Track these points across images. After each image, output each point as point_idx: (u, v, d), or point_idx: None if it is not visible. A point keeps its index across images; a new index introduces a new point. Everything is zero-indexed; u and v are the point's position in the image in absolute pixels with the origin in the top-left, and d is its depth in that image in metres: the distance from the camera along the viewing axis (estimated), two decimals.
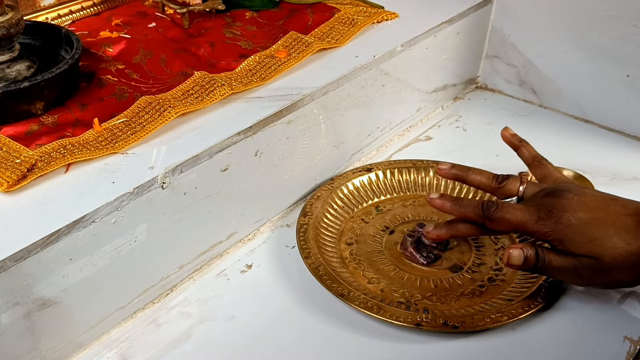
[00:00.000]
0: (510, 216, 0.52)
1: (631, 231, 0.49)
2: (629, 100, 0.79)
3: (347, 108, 0.69)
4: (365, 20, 0.76)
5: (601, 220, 0.50)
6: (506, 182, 0.56)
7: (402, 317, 0.53)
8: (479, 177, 0.58)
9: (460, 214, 0.55)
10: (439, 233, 0.57)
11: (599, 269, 0.50)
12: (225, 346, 0.53)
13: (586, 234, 0.50)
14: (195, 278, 0.60)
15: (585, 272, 0.50)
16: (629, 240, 0.49)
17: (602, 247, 0.49)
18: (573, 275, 0.51)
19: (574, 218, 0.50)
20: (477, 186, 0.58)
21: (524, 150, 0.62)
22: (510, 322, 0.52)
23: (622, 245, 0.49)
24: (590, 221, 0.50)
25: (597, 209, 0.51)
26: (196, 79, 0.62)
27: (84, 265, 0.49)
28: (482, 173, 0.58)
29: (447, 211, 0.56)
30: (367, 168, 0.71)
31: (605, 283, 0.52)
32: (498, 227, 0.53)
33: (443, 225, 0.57)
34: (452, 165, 0.59)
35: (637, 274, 0.50)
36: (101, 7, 0.76)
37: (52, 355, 0.50)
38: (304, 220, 0.63)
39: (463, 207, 0.55)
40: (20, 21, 0.56)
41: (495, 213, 0.52)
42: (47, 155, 0.51)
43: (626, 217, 0.50)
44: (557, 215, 0.51)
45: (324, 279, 0.57)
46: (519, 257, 0.52)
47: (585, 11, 0.78)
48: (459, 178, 0.59)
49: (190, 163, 0.54)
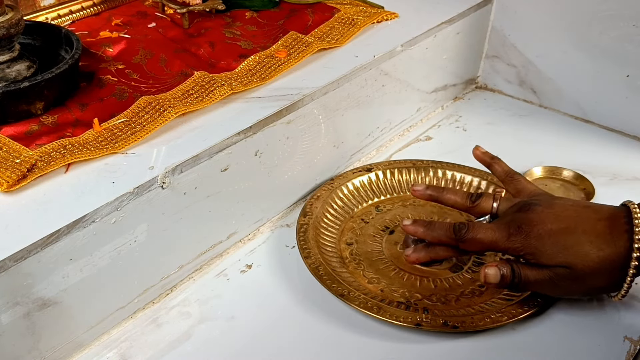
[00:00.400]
0: (482, 236, 0.53)
1: (602, 236, 0.49)
2: (629, 100, 0.79)
3: (347, 108, 0.69)
4: (365, 20, 0.76)
5: (571, 229, 0.50)
6: (480, 200, 0.57)
7: (402, 317, 0.53)
8: (453, 197, 0.59)
9: (433, 238, 0.56)
10: (418, 256, 0.58)
11: (574, 277, 0.50)
12: (225, 346, 0.53)
13: (557, 245, 0.50)
14: (195, 278, 0.60)
15: (562, 282, 0.50)
16: (601, 246, 0.49)
17: (574, 256, 0.49)
18: (550, 286, 0.51)
19: (543, 230, 0.50)
20: (452, 206, 0.59)
21: (497, 167, 0.63)
22: (510, 322, 0.52)
23: (594, 252, 0.49)
24: (560, 231, 0.50)
25: (566, 218, 0.51)
26: (196, 79, 0.62)
27: (84, 265, 0.49)
28: (456, 192, 0.59)
29: (420, 237, 0.57)
30: (367, 168, 0.71)
31: (584, 291, 0.52)
32: (471, 248, 0.54)
33: (422, 249, 0.58)
34: (427, 186, 0.60)
35: (612, 279, 0.50)
36: (101, 7, 0.76)
37: (52, 355, 0.50)
38: (304, 220, 0.63)
39: (435, 231, 0.56)
40: (20, 21, 0.56)
41: (466, 234, 0.53)
42: (47, 155, 0.51)
43: (597, 222, 0.50)
44: (527, 230, 0.51)
45: (324, 279, 0.57)
46: (496, 276, 0.53)
47: (585, 11, 0.78)
48: (433, 199, 0.60)
49: (190, 163, 0.54)
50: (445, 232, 0.55)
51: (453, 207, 0.59)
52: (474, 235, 0.53)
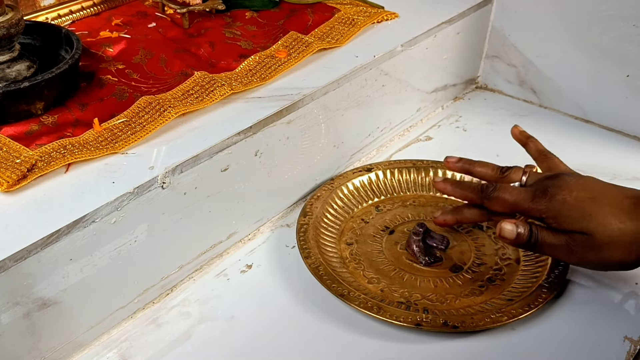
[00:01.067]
0: (507, 195, 0.54)
1: (626, 211, 0.50)
2: (629, 100, 0.79)
3: (347, 108, 0.69)
4: (365, 20, 0.76)
5: (597, 199, 0.51)
6: (509, 171, 0.58)
7: (402, 317, 0.53)
8: (484, 169, 0.60)
9: (461, 195, 0.58)
10: (445, 218, 0.60)
11: (592, 245, 0.50)
12: (225, 346, 0.53)
13: (580, 210, 0.50)
14: (196, 278, 0.60)
15: (578, 248, 0.51)
16: (623, 219, 0.49)
17: (595, 223, 0.50)
18: (566, 251, 0.52)
19: (570, 196, 0.51)
20: (482, 177, 0.61)
21: (531, 145, 0.64)
22: (510, 322, 0.52)
23: (616, 223, 0.49)
24: (585, 199, 0.51)
25: (593, 189, 0.52)
26: (196, 79, 0.62)
27: (84, 265, 0.49)
28: (487, 165, 0.61)
29: (449, 193, 0.60)
30: (367, 168, 0.71)
31: (599, 261, 0.52)
32: (496, 207, 0.55)
33: (449, 211, 0.60)
34: (459, 158, 0.62)
35: (629, 254, 0.50)
36: (101, 7, 0.76)
37: (52, 355, 0.50)
38: (304, 220, 0.63)
39: (464, 188, 0.58)
40: (20, 21, 0.56)
41: (492, 193, 0.55)
42: (47, 155, 0.51)
43: (623, 198, 0.51)
44: (553, 192, 0.52)
45: (324, 279, 0.57)
46: (512, 231, 0.53)
47: (585, 11, 0.78)
48: (465, 170, 0.62)
49: (190, 163, 0.54)
50: (473, 190, 0.57)
51: (482, 179, 0.61)
52: (500, 194, 0.54)
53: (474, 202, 0.57)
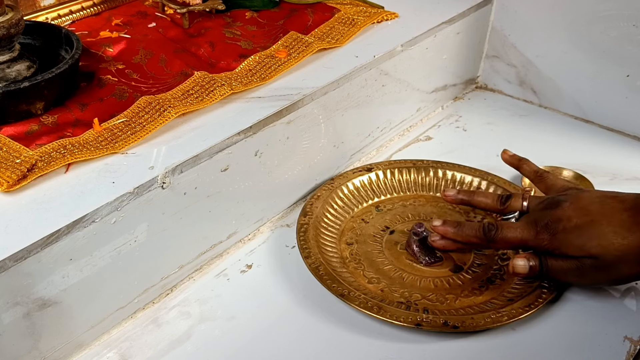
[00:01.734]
0: (511, 236, 0.55)
1: (626, 225, 0.50)
2: (629, 100, 0.79)
3: (347, 108, 0.69)
4: (365, 20, 0.76)
5: (596, 221, 0.51)
6: (509, 201, 0.59)
7: (402, 317, 0.53)
8: (484, 200, 0.61)
9: (463, 238, 0.58)
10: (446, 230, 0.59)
11: (600, 266, 0.51)
12: (225, 346, 0.53)
13: (582, 237, 0.51)
14: (196, 278, 0.60)
15: (588, 271, 0.52)
16: (624, 235, 0.50)
17: (599, 247, 0.51)
18: (577, 275, 0.53)
19: (569, 225, 0.52)
20: (484, 208, 0.61)
21: (525, 167, 0.65)
22: (510, 322, 0.52)
23: (618, 241, 0.50)
24: (585, 224, 0.52)
25: (592, 212, 0.52)
26: (196, 79, 0.62)
27: (84, 265, 0.49)
28: (486, 195, 0.61)
29: (451, 237, 0.58)
30: (367, 168, 0.71)
31: (610, 280, 0.54)
32: (501, 247, 0.58)
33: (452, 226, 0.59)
34: (458, 190, 0.62)
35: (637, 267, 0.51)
36: (101, 7, 0.76)
37: (52, 355, 0.50)
38: (304, 220, 0.63)
39: (465, 232, 0.57)
40: (20, 21, 0.56)
41: (496, 235, 0.55)
42: (47, 155, 0.51)
43: (622, 212, 0.51)
44: (553, 227, 0.53)
45: (324, 279, 0.57)
46: (525, 267, 0.55)
47: (585, 11, 0.78)
48: (465, 202, 0.62)
49: (190, 163, 0.54)
50: (476, 233, 0.57)
51: (484, 210, 0.62)
52: (503, 236, 0.55)
53: (478, 244, 0.57)
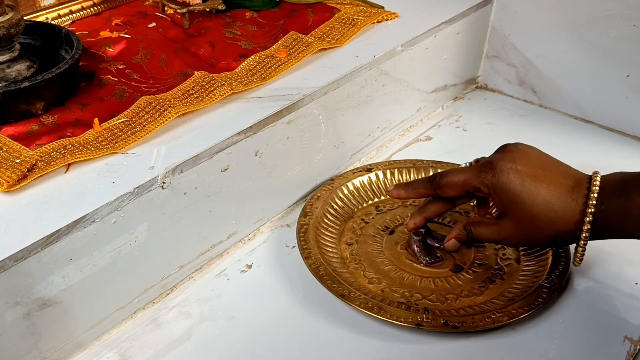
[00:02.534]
0: (455, 178, 0.55)
1: (564, 193, 0.51)
2: (629, 100, 0.79)
3: (347, 108, 0.69)
4: (366, 20, 0.76)
5: (538, 176, 0.52)
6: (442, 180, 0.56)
7: (402, 317, 0.53)
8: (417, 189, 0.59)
9: (415, 194, 0.59)
10: (414, 221, 0.60)
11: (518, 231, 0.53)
12: (225, 346, 0.53)
13: (519, 188, 0.51)
14: (196, 278, 0.60)
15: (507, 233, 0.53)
16: (554, 208, 0.50)
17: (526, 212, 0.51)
18: (500, 239, 0.55)
19: (513, 170, 0.52)
20: (422, 197, 0.60)
21: None
22: (510, 322, 0.53)
23: (544, 213, 0.51)
24: (527, 175, 0.52)
25: (538, 165, 0.52)
26: (196, 79, 0.62)
27: (84, 265, 0.49)
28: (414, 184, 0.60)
29: (403, 197, 0.60)
30: (367, 168, 0.71)
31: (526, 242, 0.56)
32: (449, 193, 0.56)
33: (416, 213, 0.60)
34: (396, 185, 0.61)
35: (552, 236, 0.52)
36: (101, 7, 0.76)
37: (52, 355, 0.50)
38: (304, 221, 0.63)
39: (415, 187, 0.59)
40: (20, 21, 0.56)
41: (441, 180, 0.56)
42: (47, 155, 0.51)
43: (564, 179, 0.52)
44: (497, 166, 0.53)
45: (325, 279, 0.57)
46: (454, 243, 0.58)
47: (585, 11, 0.78)
48: (410, 195, 0.60)
49: (190, 163, 0.54)
50: (424, 185, 0.58)
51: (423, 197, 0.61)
52: (448, 179, 0.55)
53: (429, 195, 0.58)
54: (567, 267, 0.58)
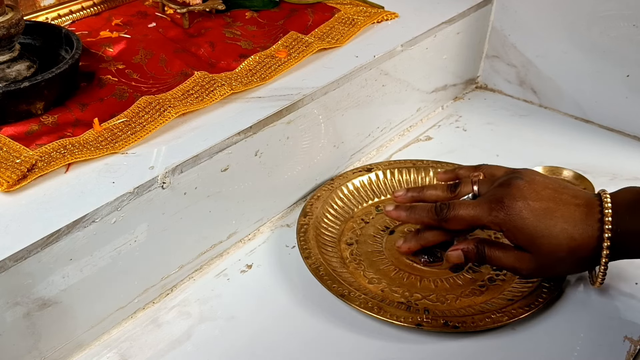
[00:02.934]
0: (464, 212, 0.53)
1: (578, 224, 0.50)
2: (629, 100, 0.79)
3: (347, 108, 0.69)
4: (365, 20, 0.76)
5: (551, 210, 0.50)
6: (459, 188, 0.57)
7: (402, 317, 0.53)
8: (434, 192, 0.59)
9: (416, 221, 0.57)
10: (409, 246, 0.59)
11: (540, 263, 0.51)
12: (225, 346, 0.53)
13: (534, 227, 0.50)
14: (196, 278, 0.60)
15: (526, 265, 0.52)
16: (574, 236, 0.49)
17: (547, 245, 0.50)
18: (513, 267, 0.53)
19: (525, 207, 0.51)
20: (435, 201, 0.58)
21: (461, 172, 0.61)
22: (510, 322, 0.53)
23: (566, 242, 0.50)
24: (541, 211, 0.50)
25: (547, 198, 0.51)
26: (196, 79, 0.62)
27: (84, 265, 0.49)
28: (436, 187, 0.59)
29: (403, 221, 0.58)
30: (367, 168, 0.71)
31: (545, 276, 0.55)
32: (454, 227, 0.54)
33: (411, 238, 0.59)
34: (407, 189, 0.61)
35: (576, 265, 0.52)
36: (101, 7, 0.76)
37: (52, 355, 0.50)
38: (304, 221, 0.63)
39: (417, 213, 0.56)
40: (20, 21, 0.56)
41: (448, 213, 0.54)
42: (47, 155, 0.51)
43: (575, 208, 0.50)
44: (508, 204, 0.51)
45: (325, 279, 0.57)
46: (459, 257, 0.55)
47: (585, 11, 0.78)
48: (415, 199, 0.60)
49: (190, 163, 0.54)
50: (427, 213, 0.55)
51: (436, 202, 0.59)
52: (455, 213, 0.53)
53: (432, 224, 0.56)
54: None
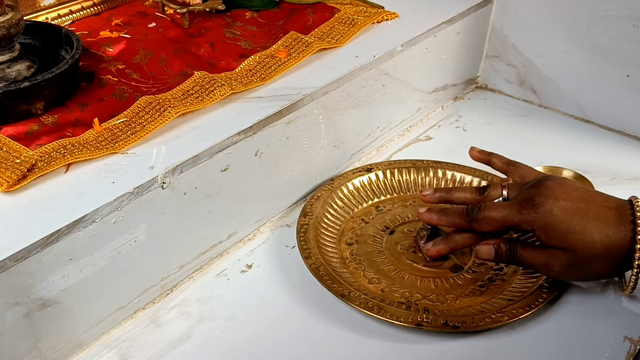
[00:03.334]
0: (494, 213, 0.53)
1: (611, 224, 0.50)
2: (629, 100, 0.79)
3: (347, 108, 0.69)
4: (365, 20, 0.76)
5: (583, 210, 0.50)
6: (488, 191, 0.57)
7: (402, 317, 0.53)
8: (462, 194, 0.59)
9: (447, 222, 0.57)
10: (438, 249, 0.59)
11: (573, 262, 0.51)
12: (225, 346, 0.53)
13: (567, 224, 0.50)
14: (196, 278, 0.60)
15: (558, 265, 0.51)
16: (608, 234, 0.49)
17: (581, 241, 0.50)
18: (546, 268, 0.53)
19: (556, 205, 0.51)
20: (463, 202, 0.59)
21: (496, 161, 0.64)
22: (510, 322, 0.52)
23: (600, 239, 0.49)
24: (572, 210, 0.50)
25: (578, 198, 0.51)
26: (196, 79, 0.62)
27: (84, 265, 0.49)
28: (464, 189, 0.59)
29: (434, 223, 0.58)
30: (367, 168, 0.71)
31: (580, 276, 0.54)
32: (485, 228, 0.54)
33: (441, 241, 0.59)
34: (435, 189, 0.61)
35: (610, 267, 0.51)
36: (101, 7, 0.76)
37: (52, 355, 0.50)
38: (304, 221, 0.63)
39: (449, 215, 0.57)
40: (20, 21, 0.56)
41: (479, 214, 0.54)
42: (47, 155, 0.51)
43: (607, 209, 0.50)
44: (539, 202, 0.51)
45: (325, 279, 0.57)
46: (489, 252, 0.54)
47: (585, 11, 0.78)
48: (443, 200, 0.60)
49: (190, 163, 0.54)
50: (459, 215, 0.56)
51: (464, 204, 0.59)
52: (486, 214, 0.53)
53: (463, 227, 0.56)
54: None
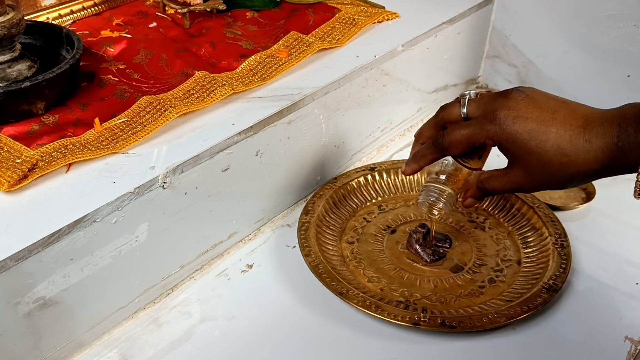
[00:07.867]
0: (458, 135, 0.51)
1: (572, 142, 0.48)
2: (629, 100, 0.78)
3: (348, 108, 0.69)
4: (366, 20, 0.76)
5: (546, 121, 0.49)
6: (442, 112, 0.54)
7: (400, 316, 0.53)
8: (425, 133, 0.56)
9: (425, 161, 0.55)
10: (411, 168, 0.56)
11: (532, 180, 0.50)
12: (225, 346, 0.53)
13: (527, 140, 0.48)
14: (196, 278, 0.60)
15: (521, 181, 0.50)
16: (567, 153, 0.48)
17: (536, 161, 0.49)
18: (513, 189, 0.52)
19: (518, 117, 0.49)
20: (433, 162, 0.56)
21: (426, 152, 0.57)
22: (509, 322, 0.53)
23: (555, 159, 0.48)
24: (534, 120, 0.49)
25: (544, 109, 0.50)
26: (197, 79, 0.62)
27: (84, 265, 0.49)
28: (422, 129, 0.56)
29: (417, 170, 0.56)
30: (370, 167, 0.71)
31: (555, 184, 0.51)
32: (455, 151, 0.52)
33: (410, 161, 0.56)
34: (407, 163, 0.57)
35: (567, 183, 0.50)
36: (102, 6, 0.76)
37: (52, 354, 0.50)
38: (305, 219, 0.63)
39: (423, 156, 0.54)
40: (21, 21, 0.56)
41: (444, 141, 0.52)
42: (48, 155, 0.51)
43: (574, 120, 0.49)
44: (502, 117, 0.49)
45: (324, 277, 0.57)
46: (472, 202, 0.55)
47: (586, 11, 0.78)
48: (421, 164, 0.56)
49: (191, 163, 0.54)
50: (430, 150, 0.54)
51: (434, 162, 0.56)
52: (451, 138, 0.52)
53: (439, 158, 0.55)
54: (567, 268, 0.58)
